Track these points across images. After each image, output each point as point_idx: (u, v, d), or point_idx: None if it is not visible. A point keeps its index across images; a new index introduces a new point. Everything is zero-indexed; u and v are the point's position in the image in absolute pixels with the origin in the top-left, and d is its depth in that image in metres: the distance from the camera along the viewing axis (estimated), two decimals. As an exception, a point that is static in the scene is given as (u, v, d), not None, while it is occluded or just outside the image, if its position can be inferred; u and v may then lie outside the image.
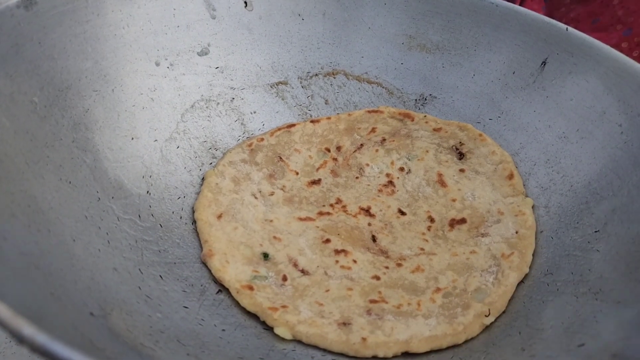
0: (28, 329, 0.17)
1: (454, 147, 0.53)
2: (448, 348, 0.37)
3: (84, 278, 0.32)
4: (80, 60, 0.43)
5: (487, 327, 0.38)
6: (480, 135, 0.53)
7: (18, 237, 0.30)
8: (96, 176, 0.40)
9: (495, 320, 0.38)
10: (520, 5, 0.83)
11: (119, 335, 0.29)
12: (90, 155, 0.41)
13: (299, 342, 0.36)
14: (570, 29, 0.49)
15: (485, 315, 0.38)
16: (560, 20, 0.81)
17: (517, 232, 0.44)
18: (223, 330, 0.36)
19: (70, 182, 0.38)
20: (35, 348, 0.17)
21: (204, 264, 0.41)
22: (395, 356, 0.36)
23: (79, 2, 0.43)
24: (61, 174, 0.38)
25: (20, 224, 0.31)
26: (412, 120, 0.55)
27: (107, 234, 0.38)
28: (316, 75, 0.58)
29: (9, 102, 0.36)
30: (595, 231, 0.40)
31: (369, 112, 0.56)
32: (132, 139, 0.45)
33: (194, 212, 0.45)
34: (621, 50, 0.73)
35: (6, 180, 0.33)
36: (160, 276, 0.38)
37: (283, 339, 0.36)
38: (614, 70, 0.45)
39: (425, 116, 0.55)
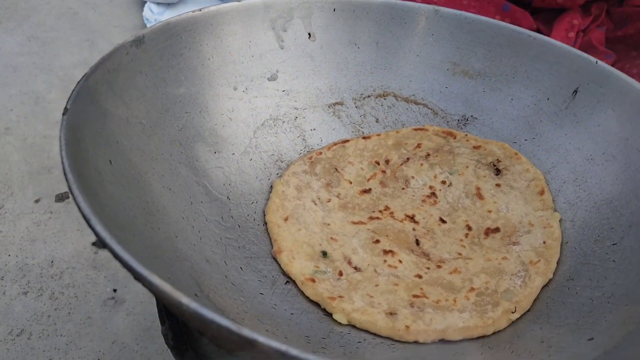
0: (185, 299, 0.25)
1: (491, 163, 0.58)
2: (478, 338, 0.42)
3: (186, 267, 0.41)
4: (176, 87, 0.51)
5: (513, 322, 0.43)
6: (516, 154, 0.58)
7: (141, 233, 0.39)
8: (188, 184, 0.49)
9: (521, 317, 0.44)
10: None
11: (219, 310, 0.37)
12: (184, 166, 0.49)
13: (353, 326, 0.43)
14: (600, 62, 0.54)
15: (512, 312, 0.44)
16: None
17: (544, 242, 0.50)
18: (292, 314, 0.43)
19: (170, 189, 0.46)
20: (189, 314, 0.25)
21: (275, 259, 0.48)
22: (433, 342, 0.42)
23: (175, 38, 0.52)
24: (163, 182, 0.46)
25: (140, 223, 0.40)
26: (455, 138, 0.61)
27: (199, 232, 0.46)
28: (369, 96, 0.64)
29: (125, 125, 0.45)
30: (613, 244, 0.46)
31: (415, 129, 0.62)
32: (215, 152, 0.53)
33: (264, 215, 0.52)
34: None
35: (128, 188, 0.41)
36: (241, 268, 0.46)
37: (340, 324, 0.42)
38: (638, 102, 0.51)
39: (466, 135, 0.61)
